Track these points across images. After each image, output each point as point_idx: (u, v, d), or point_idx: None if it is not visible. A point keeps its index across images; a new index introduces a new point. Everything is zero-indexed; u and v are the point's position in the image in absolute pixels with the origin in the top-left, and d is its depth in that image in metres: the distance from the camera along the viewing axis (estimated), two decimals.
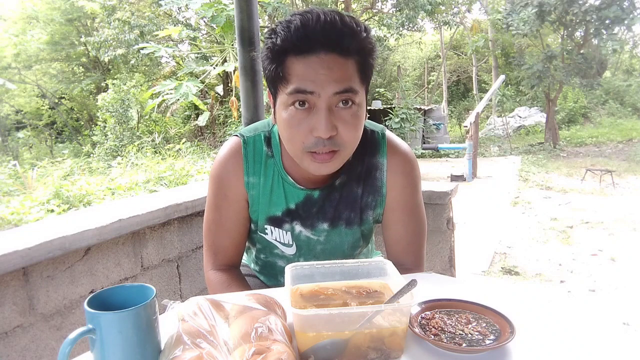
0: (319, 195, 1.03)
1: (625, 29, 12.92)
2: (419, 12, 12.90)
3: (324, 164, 0.90)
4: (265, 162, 1.02)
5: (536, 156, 12.21)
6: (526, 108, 18.21)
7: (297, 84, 0.84)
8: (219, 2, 6.16)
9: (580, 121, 17.76)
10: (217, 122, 13.94)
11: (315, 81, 0.84)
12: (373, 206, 1.06)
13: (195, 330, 0.68)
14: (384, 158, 1.04)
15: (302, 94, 0.85)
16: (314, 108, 0.86)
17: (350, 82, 0.86)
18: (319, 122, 0.85)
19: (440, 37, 20.34)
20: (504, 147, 13.90)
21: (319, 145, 0.87)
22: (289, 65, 0.85)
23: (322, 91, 0.84)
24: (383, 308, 0.69)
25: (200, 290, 1.78)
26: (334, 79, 0.84)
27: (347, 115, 0.87)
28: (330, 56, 0.84)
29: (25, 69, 17.37)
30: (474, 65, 20.50)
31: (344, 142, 0.89)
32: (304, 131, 0.87)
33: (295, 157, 0.93)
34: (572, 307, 0.86)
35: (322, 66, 0.84)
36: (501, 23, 13.98)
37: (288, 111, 0.87)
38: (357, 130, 0.91)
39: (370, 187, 1.04)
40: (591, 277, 3.88)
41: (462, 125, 14.85)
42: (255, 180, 1.02)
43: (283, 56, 0.85)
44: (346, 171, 1.02)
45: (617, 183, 8.14)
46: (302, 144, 0.88)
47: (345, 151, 0.91)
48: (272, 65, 0.87)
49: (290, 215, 1.04)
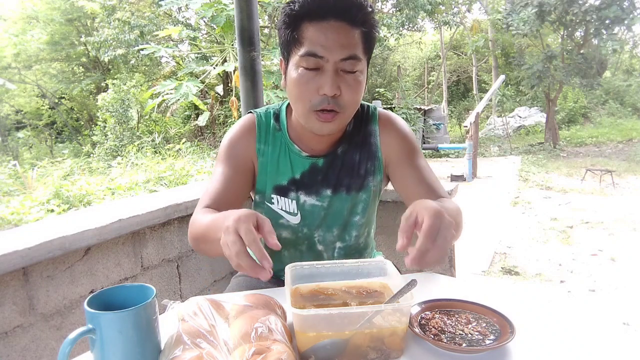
0: (323, 163, 1.11)
1: (625, 29, 12.92)
2: (419, 12, 12.90)
3: (326, 123, 1.00)
4: (274, 134, 1.12)
5: (536, 156, 12.21)
6: (526, 108, 18.20)
7: (309, 47, 0.95)
8: (219, 2, 6.16)
9: (580, 121, 17.75)
10: (217, 122, 13.93)
11: (325, 46, 0.94)
12: (372, 171, 1.13)
13: (195, 330, 0.68)
14: (375, 125, 1.14)
15: (312, 57, 0.95)
16: (322, 70, 0.96)
17: (355, 50, 0.97)
18: (326, 81, 0.96)
19: (440, 37, 20.33)
20: (504, 147, 13.90)
21: (323, 103, 0.97)
22: (303, 30, 0.96)
23: (331, 56, 0.95)
24: (383, 308, 0.69)
25: (200, 290, 1.78)
26: (341, 44, 0.95)
27: (350, 79, 0.98)
28: (340, 23, 0.95)
29: (25, 69, 17.36)
30: (474, 65, 20.50)
31: (345, 103, 0.99)
32: (312, 90, 0.97)
33: (302, 117, 1.02)
34: (572, 307, 0.86)
35: (332, 32, 0.95)
36: (501, 23, 13.98)
37: (299, 71, 0.98)
38: (358, 94, 1.00)
39: (367, 153, 1.13)
40: (591, 277, 3.88)
41: (462, 125, 14.84)
42: (266, 148, 1.11)
43: (299, 21, 0.97)
44: (347, 140, 1.13)
45: (617, 183, 8.13)
46: (309, 102, 0.98)
47: (345, 113, 1.01)
48: (288, 29, 0.98)
49: (295, 184, 1.11)
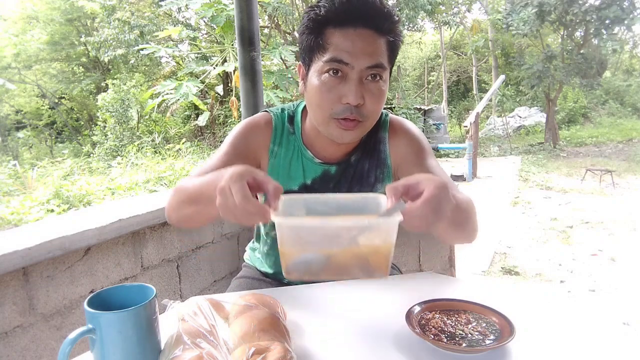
0: (335, 171, 1.09)
1: (625, 29, 12.92)
2: (419, 12, 12.89)
3: (348, 132, 0.97)
4: (288, 137, 1.10)
5: (536, 156, 12.20)
6: (526, 108, 18.20)
7: (334, 53, 0.92)
8: (219, 2, 6.16)
9: (580, 121, 17.75)
10: (217, 122, 13.92)
11: (351, 53, 0.92)
12: (381, 179, 1.11)
13: (195, 330, 0.68)
14: (385, 132, 1.12)
15: (337, 63, 0.92)
16: (346, 77, 0.94)
17: (381, 58, 0.94)
18: (350, 90, 0.93)
19: (440, 37, 20.32)
20: (504, 147, 13.90)
21: (346, 112, 0.94)
22: (328, 36, 0.93)
23: (356, 63, 0.92)
24: (367, 222, 0.67)
25: (200, 290, 1.78)
26: (367, 52, 0.92)
27: (375, 88, 0.95)
28: (367, 31, 0.93)
29: (25, 69, 17.34)
30: (474, 65, 20.49)
31: (368, 113, 0.96)
32: (334, 98, 0.94)
33: (321, 124, 0.99)
34: (572, 307, 0.86)
35: (358, 39, 0.92)
36: (501, 23, 13.98)
37: (322, 78, 0.95)
38: (380, 103, 0.98)
39: (377, 161, 1.11)
40: (591, 277, 3.87)
41: (462, 125, 14.83)
42: (279, 150, 1.09)
43: (324, 27, 0.94)
44: (360, 148, 1.10)
45: (617, 183, 8.13)
46: (330, 110, 0.95)
47: (367, 122, 0.98)
48: (312, 35, 0.95)
49: (306, 190, 1.09)
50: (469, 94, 22.24)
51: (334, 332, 0.82)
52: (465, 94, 23.27)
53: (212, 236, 1.81)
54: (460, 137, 16.18)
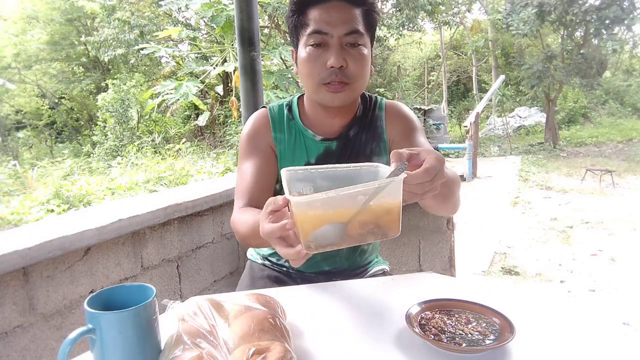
0: (336, 146, 1.18)
1: (625, 29, 12.90)
2: (419, 12, 12.87)
3: (337, 94, 1.08)
4: (288, 123, 1.20)
5: (536, 156, 12.20)
6: (526, 108, 18.19)
7: (314, 26, 1.06)
8: (219, 2, 6.16)
9: (580, 121, 17.74)
10: (217, 122, 13.91)
11: (329, 22, 1.05)
12: (378, 152, 1.20)
13: (195, 330, 0.68)
14: (382, 112, 1.24)
15: (318, 34, 1.06)
16: (328, 46, 1.06)
17: (357, 25, 1.07)
18: (331, 54, 1.05)
19: (440, 37, 20.32)
20: (504, 147, 13.89)
21: (332, 75, 1.06)
22: (309, 13, 1.07)
23: (335, 31, 1.05)
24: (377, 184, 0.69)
25: (200, 290, 1.78)
26: (343, 21, 1.05)
27: (355, 52, 1.07)
28: (341, 3, 1.06)
29: (25, 69, 17.33)
30: (474, 65, 20.48)
31: (353, 74, 1.07)
32: (320, 65, 1.06)
33: (313, 92, 1.11)
34: (572, 307, 0.86)
35: (334, 10, 1.05)
36: (501, 23, 13.97)
37: (307, 50, 1.08)
38: (363, 66, 1.09)
39: (374, 135, 1.21)
40: (591, 277, 3.88)
41: (462, 125, 14.83)
42: (282, 136, 1.19)
43: (305, 7, 1.08)
44: (358, 123, 1.20)
45: (617, 183, 8.13)
46: (318, 76, 1.07)
47: (354, 84, 1.09)
48: (295, 15, 1.10)
49: None
50: (469, 94, 22.23)
51: (334, 332, 0.82)
52: (465, 94, 23.26)
53: (212, 236, 1.81)
54: (460, 137, 16.17)
